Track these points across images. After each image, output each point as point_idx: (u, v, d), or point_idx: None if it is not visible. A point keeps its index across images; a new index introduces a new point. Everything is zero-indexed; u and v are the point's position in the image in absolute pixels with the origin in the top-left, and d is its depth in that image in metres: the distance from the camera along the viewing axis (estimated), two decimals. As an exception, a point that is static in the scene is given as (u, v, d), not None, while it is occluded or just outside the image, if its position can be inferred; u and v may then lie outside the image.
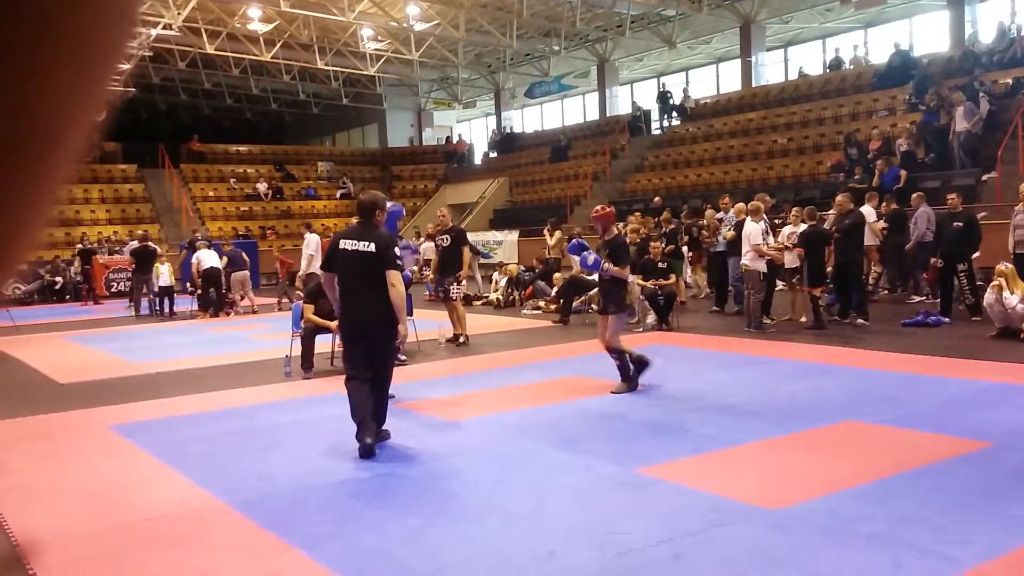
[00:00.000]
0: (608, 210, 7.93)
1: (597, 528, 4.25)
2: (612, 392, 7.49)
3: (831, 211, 12.63)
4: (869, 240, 12.92)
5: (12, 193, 0.43)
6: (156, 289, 16.93)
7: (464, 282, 11.81)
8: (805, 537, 4.02)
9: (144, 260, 17.45)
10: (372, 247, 5.93)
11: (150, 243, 18.56)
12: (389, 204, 7.76)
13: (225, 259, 16.51)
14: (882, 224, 13.78)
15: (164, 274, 16.68)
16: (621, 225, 15.19)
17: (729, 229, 12.72)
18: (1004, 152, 16.20)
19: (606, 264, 7.45)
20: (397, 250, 6.66)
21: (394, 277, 5.95)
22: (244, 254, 17.65)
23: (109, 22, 0.44)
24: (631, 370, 7.62)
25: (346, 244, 6.01)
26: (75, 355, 11.91)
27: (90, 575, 3.99)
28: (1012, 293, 9.54)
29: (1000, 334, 9.65)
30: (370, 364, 5.91)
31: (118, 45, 0.45)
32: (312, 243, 15.25)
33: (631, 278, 7.87)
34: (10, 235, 0.44)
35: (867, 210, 13.18)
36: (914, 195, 13.86)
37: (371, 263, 5.92)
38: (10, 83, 0.41)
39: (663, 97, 29.45)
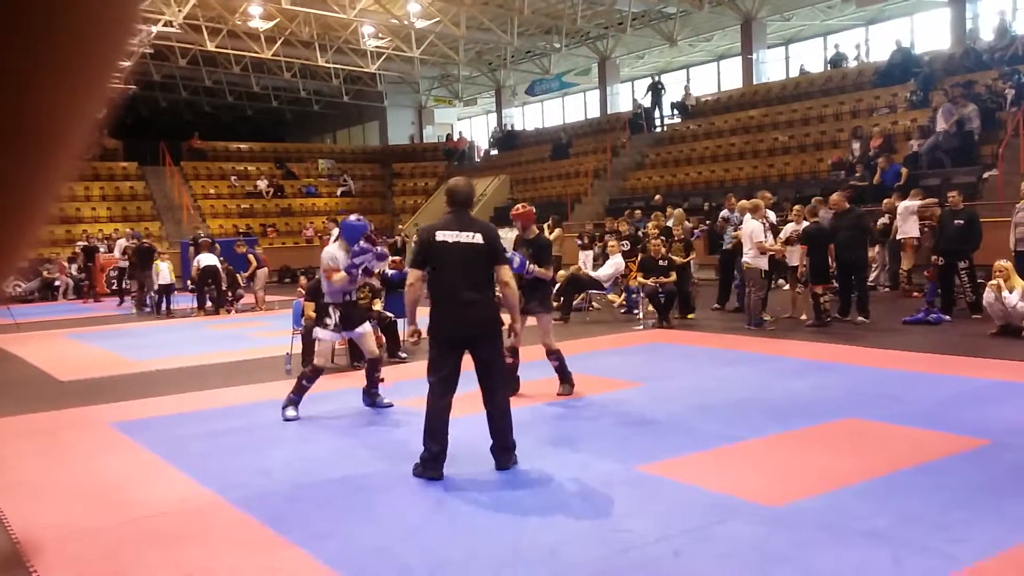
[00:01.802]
0: (528, 209, 7.79)
1: (597, 525, 4.25)
2: (558, 394, 7.36)
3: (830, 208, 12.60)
4: (913, 232, 13.49)
5: (14, 190, 0.43)
6: (156, 287, 16.93)
7: None
8: (805, 534, 4.02)
9: (145, 258, 17.49)
10: (479, 239, 5.22)
11: (145, 241, 18.74)
12: (353, 217, 7.50)
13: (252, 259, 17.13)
14: (884, 220, 14.01)
15: (164, 272, 16.67)
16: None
17: (736, 228, 12.71)
18: (1005, 150, 16.18)
19: (531, 266, 7.20)
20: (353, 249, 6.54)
21: (507, 274, 5.35)
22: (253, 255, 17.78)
23: (112, 19, 0.44)
24: (568, 371, 7.45)
25: (445, 236, 5.22)
26: (76, 352, 11.92)
27: (90, 572, 4.00)
28: (1011, 291, 9.54)
29: (1000, 332, 9.65)
30: (456, 380, 5.28)
31: (121, 42, 0.45)
32: None
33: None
34: (12, 232, 0.44)
35: (909, 204, 13.55)
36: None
37: (478, 257, 5.23)
38: (12, 79, 0.41)
39: (655, 89, 28.96)
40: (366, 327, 7.35)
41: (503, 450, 5.31)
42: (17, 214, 0.44)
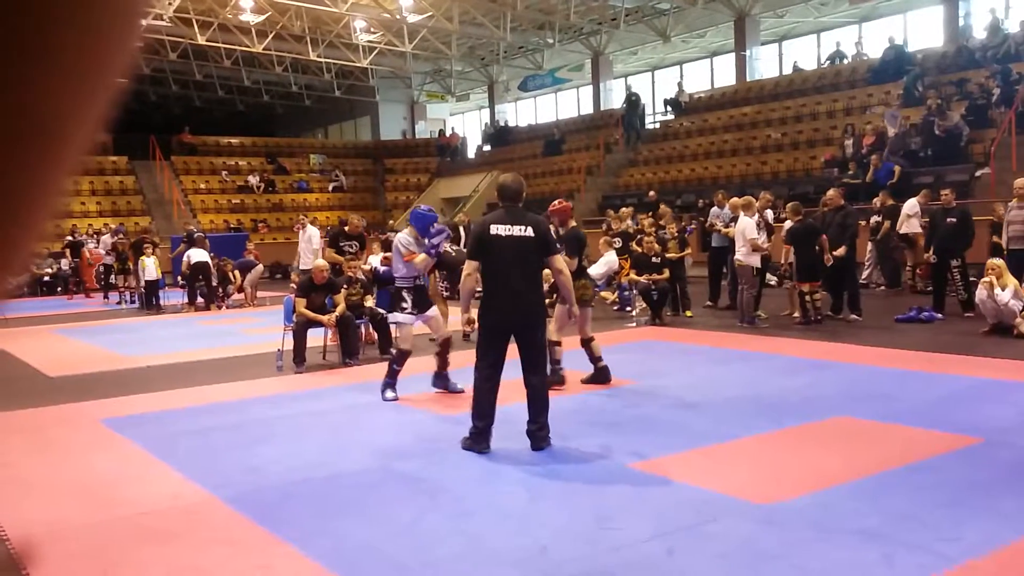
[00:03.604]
0: (564, 205, 8.42)
1: (589, 523, 4.24)
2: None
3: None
4: (905, 229, 13.74)
5: (19, 187, 0.43)
6: (143, 282, 16.85)
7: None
8: (797, 532, 4.02)
9: (135, 253, 17.43)
10: (531, 232, 5.50)
11: (121, 235, 18.99)
12: (423, 207, 8.00)
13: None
14: (876, 218, 14.14)
15: (150, 267, 16.56)
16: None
17: (726, 225, 12.72)
18: (997, 148, 16.24)
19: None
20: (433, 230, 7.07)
21: (559, 263, 5.67)
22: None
23: (116, 17, 0.44)
24: (559, 364, 7.53)
25: (499, 229, 5.51)
26: (65, 348, 11.86)
27: (81, 570, 3.97)
28: (1003, 289, 9.56)
29: (992, 330, 9.67)
30: (502, 364, 5.56)
31: (126, 41, 0.45)
32: (316, 238, 14.69)
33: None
34: (18, 228, 0.44)
35: (911, 203, 13.75)
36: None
37: (529, 249, 5.50)
38: (16, 78, 0.40)
39: (631, 103, 28.10)
40: (435, 309, 7.63)
41: (536, 427, 5.56)
42: (22, 210, 0.44)
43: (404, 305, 7.34)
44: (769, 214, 12.63)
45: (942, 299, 11.41)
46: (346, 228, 11.42)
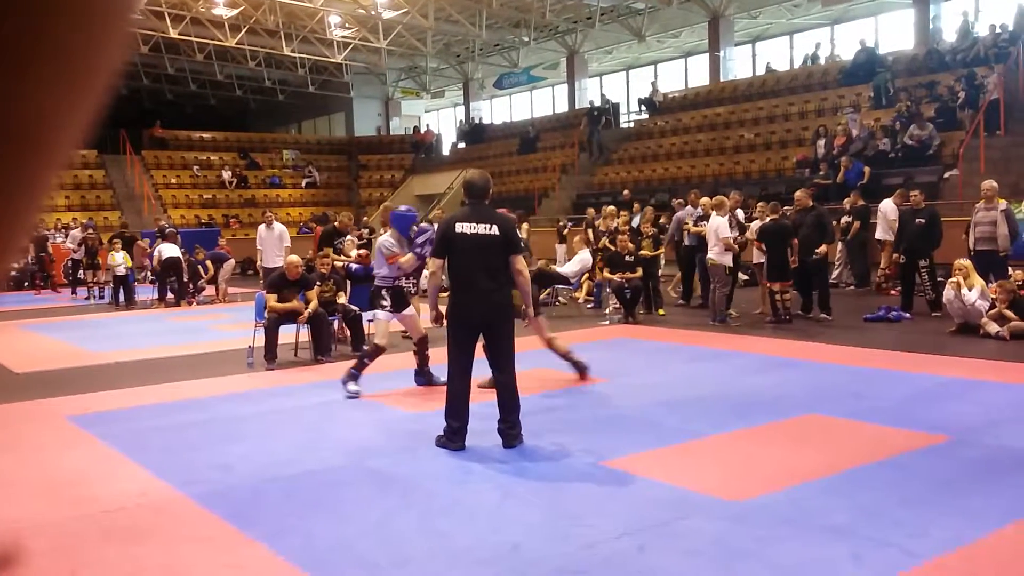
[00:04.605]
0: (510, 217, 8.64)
1: (562, 521, 4.25)
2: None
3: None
4: (884, 235, 13.87)
5: (4, 189, 0.43)
6: (113, 275, 16.62)
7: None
8: (767, 529, 4.05)
9: (112, 249, 17.22)
10: (495, 230, 5.52)
11: (90, 230, 18.68)
12: (403, 207, 8.01)
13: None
14: (846, 219, 14.31)
15: (120, 262, 16.35)
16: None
17: (695, 223, 12.79)
18: (965, 150, 16.46)
19: None
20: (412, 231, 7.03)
21: (520, 263, 5.64)
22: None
23: (102, 32, 0.44)
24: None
25: (464, 227, 5.53)
26: (32, 344, 11.68)
27: (47, 568, 3.90)
28: (970, 289, 9.70)
29: (959, 329, 9.80)
30: (472, 362, 5.56)
31: (112, 54, 0.45)
32: (286, 235, 14.73)
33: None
34: (7, 224, 0.44)
35: (887, 204, 13.89)
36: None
37: (494, 248, 5.51)
38: (2, 81, 0.41)
39: (592, 118, 27.48)
40: (411, 309, 7.68)
41: (507, 425, 5.58)
42: (8, 210, 0.44)
43: (384, 303, 7.46)
44: (740, 213, 12.72)
45: (910, 299, 11.55)
46: (336, 225, 11.93)
